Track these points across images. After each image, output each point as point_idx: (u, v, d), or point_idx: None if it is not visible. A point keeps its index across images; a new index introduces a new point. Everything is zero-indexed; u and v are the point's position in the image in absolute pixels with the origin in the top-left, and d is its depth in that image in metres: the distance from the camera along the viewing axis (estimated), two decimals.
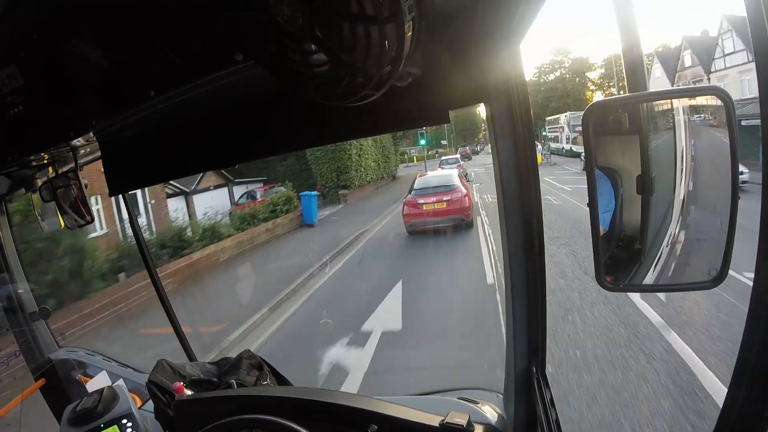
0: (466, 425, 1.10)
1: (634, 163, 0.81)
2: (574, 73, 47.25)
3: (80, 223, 1.45)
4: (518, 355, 1.16)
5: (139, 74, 0.88)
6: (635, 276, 0.87)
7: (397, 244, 9.61)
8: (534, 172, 1.04)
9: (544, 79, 48.24)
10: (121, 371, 1.99)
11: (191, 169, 1.52)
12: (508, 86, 1.00)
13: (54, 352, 2.04)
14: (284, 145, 1.31)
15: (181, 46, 0.82)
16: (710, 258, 0.76)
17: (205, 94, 0.92)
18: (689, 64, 22.63)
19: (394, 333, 5.06)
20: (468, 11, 0.85)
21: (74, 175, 1.40)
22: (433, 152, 43.79)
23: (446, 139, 48.41)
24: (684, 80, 22.58)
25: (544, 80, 48.17)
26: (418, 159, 41.66)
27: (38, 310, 2.00)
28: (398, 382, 4.01)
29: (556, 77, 47.93)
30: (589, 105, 0.79)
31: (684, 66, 23.06)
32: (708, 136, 0.81)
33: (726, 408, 0.71)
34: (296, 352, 5.05)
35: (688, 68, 22.73)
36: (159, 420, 1.37)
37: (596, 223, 0.79)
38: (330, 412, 1.20)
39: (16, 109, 1.01)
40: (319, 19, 0.61)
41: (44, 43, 0.94)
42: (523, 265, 1.09)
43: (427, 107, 1.01)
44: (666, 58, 25.53)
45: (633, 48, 0.78)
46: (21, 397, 1.78)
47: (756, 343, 0.67)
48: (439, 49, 0.92)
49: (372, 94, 0.71)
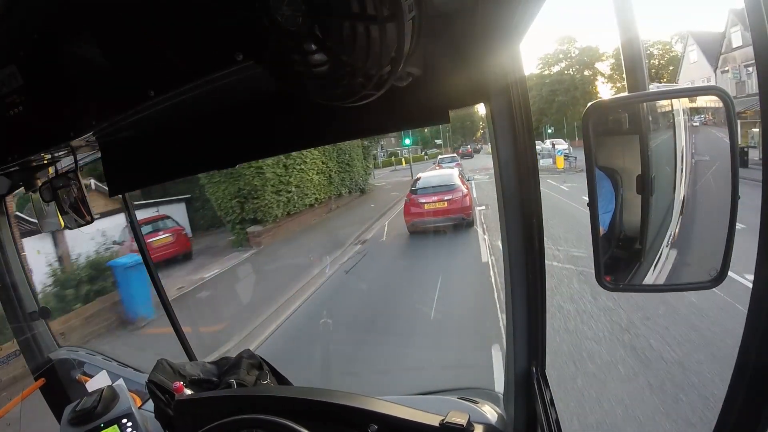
0: (466, 425, 1.10)
1: (634, 163, 0.81)
2: (582, 65, 41.96)
3: (80, 223, 1.45)
4: (518, 355, 1.16)
5: (139, 74, 0.88)
6: (635, 276, 0.87)
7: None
8: (534, 172, 1.04)
9: (549, 71, 43.17)
10: (121, 371, 1.99)
11: (191, 170, 1.52)
12: (508, 86, 1.00)
13: (54, 351, 2.04)
14: (284, 145, 1.31)
15: (181, 46, 0.82)
16: (710, 258, 0.76)
17: (205, 94, 0.92)
18: (738, 44, 17.54)
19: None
20: (468, 11, 0.85)
21: (74, 175, 1.40)
22: (422, 153, 41.43)
23: (441, 138, 45.29)
24: (732, 63, 18.08)
25: (549, 72, 43.06)
26: (409, 161, 38.90)
27: (38, 309, 2.01)
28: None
29: (561, 68, 42.56)
30: (588, 105, 0.78)
31: (731, 47, 18.08)
32: (707, 135, 0.81)
33: (726, 408, 0.71)
34: None
35: (737, 49, 17.68)
36: (159, 420, 1.38)
37: (596, 223, 0.79)
38: (330, 412, 1.20)
39: (16, 109, 1.02)
40: (319, 18, 0.61)
41: (44, 43, 0.94)
42: (523, 265, 1.09)
43: (427, 107, 1.01)
44: (704, 39, 20.58)
45: (632, 47, 0.78)
46: (21, 397, 1.78)
47: (756, 343, 0.67)
48: (439, 49, 0.92)
49: (372, 94, 0.71)
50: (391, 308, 6.04)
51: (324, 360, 4.83)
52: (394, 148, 42.35)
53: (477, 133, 49.33)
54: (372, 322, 5.67)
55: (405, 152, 40.64)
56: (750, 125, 12.67)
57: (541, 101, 40.31)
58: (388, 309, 6.00)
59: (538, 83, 41.49)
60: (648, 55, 34.19)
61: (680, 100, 0.85)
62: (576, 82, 40.99)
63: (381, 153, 35.03)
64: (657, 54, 36.17)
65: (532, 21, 0.84)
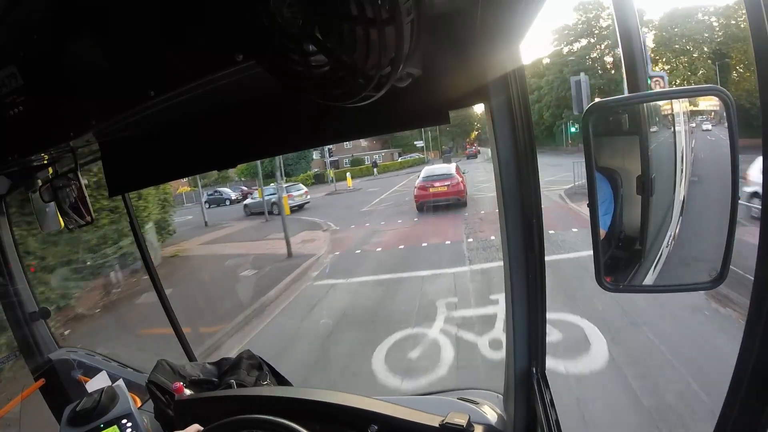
0: (465, 425, 1.10)
1: (634, 164, 0.80)
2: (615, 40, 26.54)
3: (80, 223, 1.45)
4: (518, 355, 1.16)
5: (139, 74, 0.88)
6: (635, 276, 0.87)
7: None
8: (534, 172, 1.04)
9: (570, 48, 31.35)
10: (121, 371, 1.99)
11: (191, 170, 1.52)
12: (508, 86, 1.00)
13: (54, 352, 2.04)
14: (284, 145, 1.31)
15: (181, 46, 0.82)
16: (710, 258, 0.76)
17: (205, 94, 0.92)
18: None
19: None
20: (468, 11, 0.85)
21: (74, 176, 1.40)
22: (398, 159, 35.13)
23: (423, 139, 37.28)
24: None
25: (570, 50, 31.31)
26: (395, 166, 32.43)
27: (38, 309, 2.01)
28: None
29: (586, 45, 30.72)
30: (588, 105, 0.78)
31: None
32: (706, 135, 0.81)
33: (726, 408, 0.71)
34: None
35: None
36: (159, 420, 1.38)
37: (596, 224, 0.79)
38: (330, 412, 1.20)
39: (16, 109, 1.02)
40: (319, 20, 0.61)
41: (44, 43, 0.94)
42: (523, 265, 1.09)
43: (427, 107, 1.01)
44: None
45: (633, 48, 0.78)
46: (21, 397, 1.78)
47: (756, 343, 0.67)
48: (439, 50, 0.92)
49: (372, 94, 0.71)
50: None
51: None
52: (362, 154, 36.16)
53: (472, 134, 42.80)
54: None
55: (377, 158, 34.75)
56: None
57: (563, 87, 28.54)
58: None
59: (558, 62, 31.15)
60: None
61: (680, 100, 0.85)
62: (615, 62, 28.31)
63: (327, 159, 28.55)
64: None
65: (532, 21, 0.84)
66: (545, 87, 31.56)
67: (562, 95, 29.04)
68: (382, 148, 38.48)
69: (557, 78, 30.45)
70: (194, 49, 0.81)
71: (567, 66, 29.96)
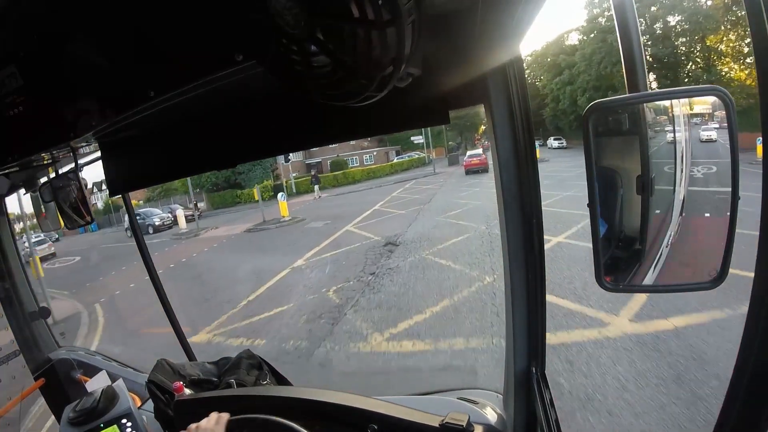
0: (465, 425, 1.10)
1: (634, 164, 0.80)
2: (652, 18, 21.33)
3: (80, 223, 1.45)
4: (518, 355, 1.16)
5: (139, 74, 0.88)
6: (635, 276, 0.87)
7: None
8: (534, 172, 1.04)
9: (584, 37, 24.74)
10: (121, 371, 1.99)
11: (191, 170, 1.52)
12: (508, 86, 1.00)
13: (54, 351, 2.04)
14: (285, 146, 1.31)
15: (181, 46, 0.82)
16: (710, 258, 0.76)
17: (205, 94, 0.92)
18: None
19: None
20: (468, 11, 0.85)
21: (74, 176, 1.40)
22: (394, 159, 30.75)
23: (423, 135, 32.09)
24: None
25: (583, 39, 24.67)
26: (383, 171, 28.48)
27: (38, 309, 2.01)
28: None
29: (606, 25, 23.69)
30: (588, 105, 0.78)
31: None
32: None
33: (726, 408, 0.71)
34: None
35: None
36: (159, 420, 1.38)
37: (596, 224, 0.79)
38: (330, 412, 1.20)
39: (16, 109, 1.02)
40: (320, 21, 0.61)
41: (44, 43, 0.94)
42: (523, 265, 1.09)
43: (427, 107, 1.01)
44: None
45: (632, 48, 0.78)
46: (21, 396, 1.78)
47: (756, 343, 0.67)
48: (439, 50, 0.92)
49: (374, 95, 0.71)
50: None
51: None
52: (349, 154, 31.36)
53: (479, 129, 39.56)
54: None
55: (367, 159, 30.47)
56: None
57: (607, 59, 21.16)
58: None
59: (600, 28, 23.64)
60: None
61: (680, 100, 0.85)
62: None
63: (285, 162, 22.31)
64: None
65: (532, 21, 0.84)
66: (581, 63, 23.46)
67: (606, 72, 21.99)
68: (378, 146, 34.84)
69: (600, 48, 22.83)
70: (194, 49, 0.81)
71: (590, 48, 22.61)
